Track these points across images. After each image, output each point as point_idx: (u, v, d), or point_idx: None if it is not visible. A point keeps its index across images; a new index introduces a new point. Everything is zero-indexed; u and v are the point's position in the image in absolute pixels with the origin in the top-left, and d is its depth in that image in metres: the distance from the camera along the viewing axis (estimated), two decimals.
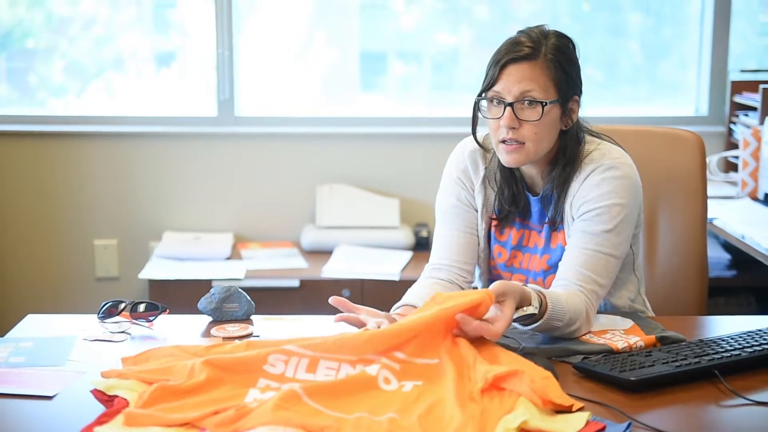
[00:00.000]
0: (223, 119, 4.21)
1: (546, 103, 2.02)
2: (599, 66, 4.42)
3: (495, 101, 2.05)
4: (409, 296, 2.09)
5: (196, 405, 1.58)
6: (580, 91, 2.11)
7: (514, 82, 2.02)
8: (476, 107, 2.10)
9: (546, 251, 2.15)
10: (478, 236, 2.20)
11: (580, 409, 1.59)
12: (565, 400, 1.59)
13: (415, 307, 2.00)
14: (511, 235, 2.19)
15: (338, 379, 1.63)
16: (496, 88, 2.04)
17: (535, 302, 1.86)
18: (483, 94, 2.07)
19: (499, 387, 1.62)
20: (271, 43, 4.32)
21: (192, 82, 4.34)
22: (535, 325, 1.89)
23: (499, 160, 2.12)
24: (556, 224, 2.13)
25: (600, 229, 2.05)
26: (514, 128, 2.03)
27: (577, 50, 2.09)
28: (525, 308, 1.84)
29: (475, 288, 2.24)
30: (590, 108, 2.17)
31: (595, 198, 2.06)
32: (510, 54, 2.03)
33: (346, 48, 4.42)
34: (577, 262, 2.04)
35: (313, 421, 1.50)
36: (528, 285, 1.88)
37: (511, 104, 2.02)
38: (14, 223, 4.18)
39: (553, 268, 2.12)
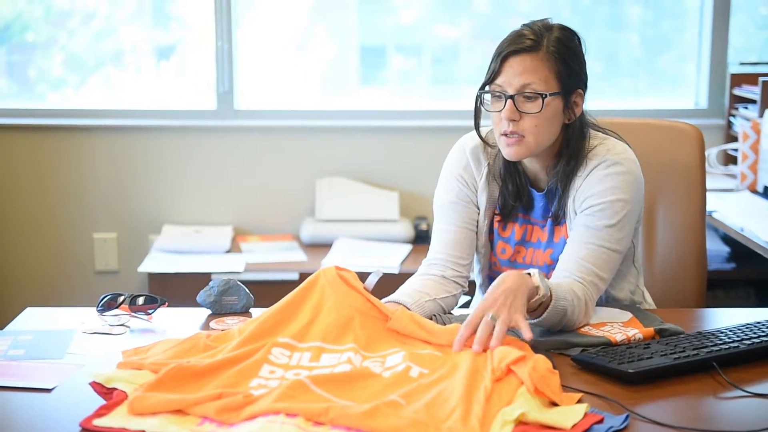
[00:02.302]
0: (222, 112, 4.21)
1: (546, 95, 2.01)
2: (599, 59, 4.41)
3: (497, 94, 2.04)
4: (398, 293, 2.06)
5: (203, 387, 1.60)
6: (585, 85, 2.10)
7: (514, 74, 2.01)
8: (479, 100, 2.09)
9: (549, 245, 2.15)
10: (476, 232, 2.19)
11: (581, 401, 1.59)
12: (559, 399, 1.58)
13: (401, 304, 1.99)
14: (515, 230, 2.19)
15: (344, 371, 1.64)
16: (498, 81, 2.03)
17: (542, 285, 1.86)
18: (485, 87, 2.07)
19: (505, 375, 1.63)
20: (271, 36, 4.32)
21: (191, 75, 4.34)
22: (540, 319, 1.89)
23: (503, 155, 2.12)
24: (559, 219, 2.13)
25: (603, 224, 2.05)
26: (514, 120, 2.02)
27: (582, 44, 2.09)
28: (535, 298, 1.85)
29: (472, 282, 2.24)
30: (590, 101, 2.17)
31: (599, 193, 2.06)
32: (512, 46, 2.02)
33: (346, 41, 4.42)
34: (579, 255, 2.04)
35: (315, 407, 1.50)
36: (531, 271, 1.88)
37: (511, 97, 2.02)
38: (14, 217, 4.18)
39: (556, 262, 2.11)
